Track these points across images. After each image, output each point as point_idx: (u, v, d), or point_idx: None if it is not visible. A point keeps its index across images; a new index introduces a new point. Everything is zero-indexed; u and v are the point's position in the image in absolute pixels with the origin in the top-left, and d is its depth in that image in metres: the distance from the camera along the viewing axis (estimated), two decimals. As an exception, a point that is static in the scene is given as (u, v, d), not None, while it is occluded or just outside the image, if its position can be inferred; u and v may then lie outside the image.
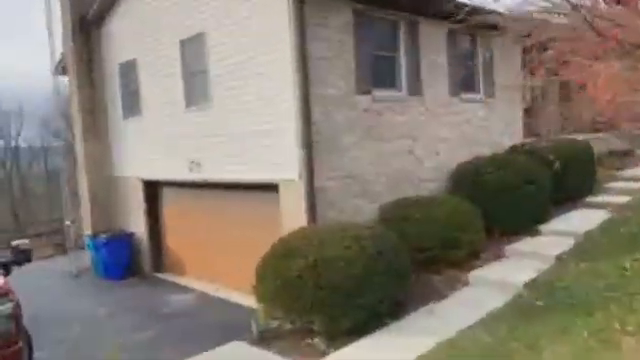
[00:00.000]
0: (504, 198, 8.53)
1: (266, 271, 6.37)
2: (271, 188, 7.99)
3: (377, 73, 8.60)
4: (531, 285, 6.67)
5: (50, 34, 12.70)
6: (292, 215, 7.65)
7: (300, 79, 7.28)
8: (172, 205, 11.28)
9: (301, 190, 7.46)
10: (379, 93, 8.53)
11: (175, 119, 10.10)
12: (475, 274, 7.40)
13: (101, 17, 11.96)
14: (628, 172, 11.87)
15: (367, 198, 8.26)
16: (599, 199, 10.26)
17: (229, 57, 8.49)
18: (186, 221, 10.66)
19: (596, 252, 7.42)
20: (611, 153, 13.18)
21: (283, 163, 7.71)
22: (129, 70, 11.40)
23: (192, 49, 9.38)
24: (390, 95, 8.82)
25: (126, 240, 11.60)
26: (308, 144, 7.37)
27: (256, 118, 8.11)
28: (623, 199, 9.91)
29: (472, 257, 7.83)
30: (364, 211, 8.15)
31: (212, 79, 8.95)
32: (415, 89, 9.18)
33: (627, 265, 6.59)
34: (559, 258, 7.46)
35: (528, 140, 11.76)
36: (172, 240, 11.34)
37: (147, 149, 11.16)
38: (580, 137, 11.87)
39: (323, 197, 7.60)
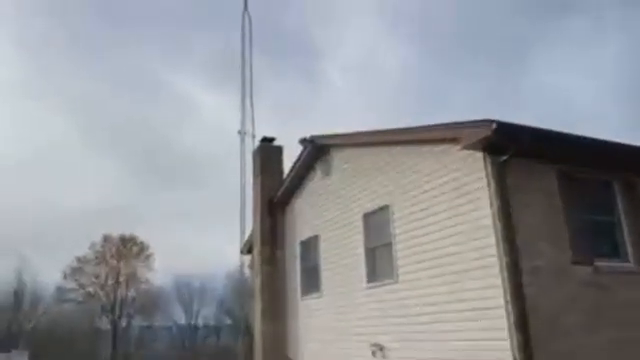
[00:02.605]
0: None
1: None
2: (475, 381, 6.57)
3: (595, 240, 7.28)
4: None
5: (242, 217, 13.85)
6: (507, 420, 6.02)
7: (506, 248, 6.35)
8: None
9: (518, 386, 5.94)
10: (601, 264, 7.07)
11: (355, 297, 9.53)
12: None
13: (286, 199, 12.78)
14: None
15: (606, 402, 6.30)
16: None
17: (417, 229, 7.98)
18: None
19: None
20: None
21: (489, 350, 6.39)
22: (310, 247, 11.54)
23: (375, 222, 9.16)
24: (615, 266, 7.27)
25: None
26: (522, 324, 6.07)
27: (451, 295, 7.13)
28: None
29: None
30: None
31: (397, 253, 8.41)
32: (645, 259, 7.49)
33: None
34: None
35: None
36: None
37: (324, 329, 10.56)
38: None
39: (547, 397, 5.93)
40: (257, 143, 13.62)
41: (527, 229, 6.61)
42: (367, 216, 9.48)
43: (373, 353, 8.54)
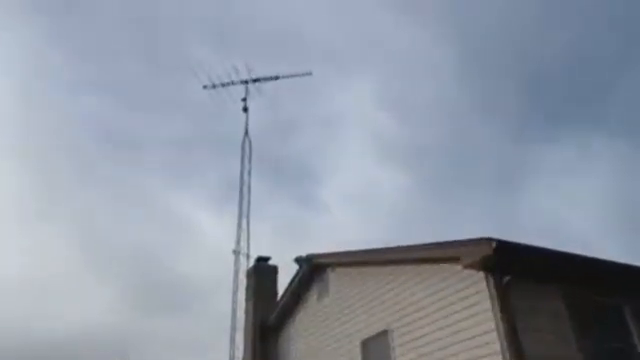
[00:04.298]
0: None
1: None
2: None
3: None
4: None
5: (232, 344, 13.01)
6: None
7: (518, 379, 5.78)
8: None
9: None
10: (623, 398, 6.43)
11: None
12: None
13: (280, 323, 12.09)
14: None
15: None
16: None
17: (420, 357, 7.39)
18: None
19: None
20: None
21: None
22: (304, 376, 10.65)
23: (375, 349, 8.52)
24: (638, 401, 6.60)
25: None
26: None
27: None
28: None
29: None
30: None
31: (400, 384, 7.70)
32: (671, 393, 6.84)
33: None
34: None
35: None
36: None
37: None
38: None
39: None
40: (252, 263, 13.32)
41: (539, 358, 6.09)
42: (366, 343, 8.86)
43: None
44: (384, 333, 8.34)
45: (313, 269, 10.99)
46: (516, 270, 6.32)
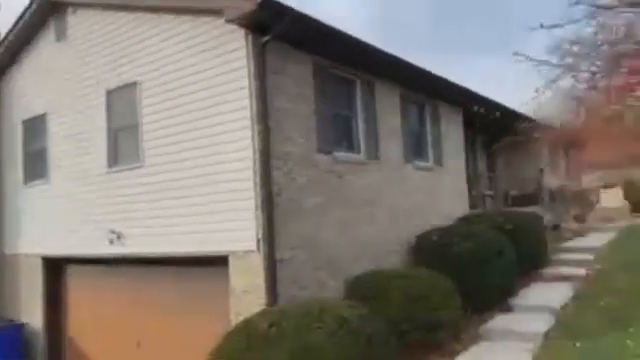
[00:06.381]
0: (474, 271, 7.78)
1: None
2: (218, 262, 6.59)
3: (337, 132, 7.86)
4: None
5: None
6: (246, 295, 6.28)
7: (260, 131, 6.26)
8: (81, 288, 9.24)
9: (258, 263, 6.19)
10: (339, 154, 7.70)
11: (92, 182, 8.47)
12: (462, 360, 6.36)
13: (4, 65, 10.30)
14: (570, 244, 11.88)
15: (331, 271, 7.11)
16: (554, 271, 9.92)
17: (170, 108, 7.29)
18: (100, 308, 8.64)
19: (584, 328, 6.75)
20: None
21: (235, 231, 6.43)
22: (36, 127, 9.67)
23: (121, 100, 8.07)
24: (350, 157, 8.02)
25: (15, 333, 9.25)
26: (269, 207, 6.20)
27: (201, 178, 6.86)
28: (579, 271, 9.64)
29: (451, 339, 6.82)
30: (328, 286, 6.98)
31: (145, 134, 7.63)
32: (373, 152, 8.48)
33: (629, 343, 5.94)
34: (548, 337, 6.69)
35: (476, 211, 11.44)
36: (79, 333, 9.16)
37: (52, 219, 9.24)
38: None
39: (283, 271, 6.34)
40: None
41: (281, 115, 6.62)
42: (111, 93, 8.27)
43: (110, 241, 7.83)
44: (133, 85, 7.85)
45: (50, 6, 9.21)
46: (275, 31, 6.31)
